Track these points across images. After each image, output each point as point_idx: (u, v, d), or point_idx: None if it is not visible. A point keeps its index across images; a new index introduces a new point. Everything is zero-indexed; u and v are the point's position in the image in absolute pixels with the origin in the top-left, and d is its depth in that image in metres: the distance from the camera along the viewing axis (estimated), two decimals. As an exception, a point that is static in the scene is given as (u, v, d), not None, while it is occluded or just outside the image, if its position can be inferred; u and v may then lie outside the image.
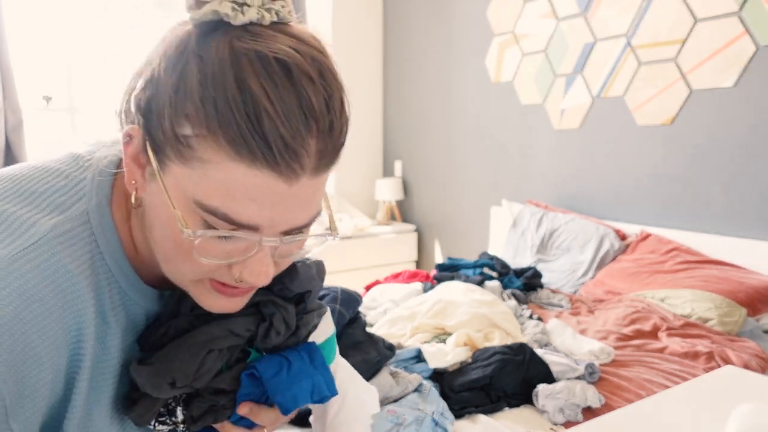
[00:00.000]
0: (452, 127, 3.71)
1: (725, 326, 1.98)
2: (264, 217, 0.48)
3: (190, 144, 0.46)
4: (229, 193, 0.46)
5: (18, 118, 2.96)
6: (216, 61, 0.45)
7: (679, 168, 2.53)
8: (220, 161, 0.45)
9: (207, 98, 0.45)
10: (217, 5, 0.46)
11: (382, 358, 1.50)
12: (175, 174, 0.48)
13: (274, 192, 0.47)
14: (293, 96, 0.46)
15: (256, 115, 0.44)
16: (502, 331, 1.89)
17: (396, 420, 1.30)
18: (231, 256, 0.50)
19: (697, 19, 2.39)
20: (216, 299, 0.55)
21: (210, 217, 0.48)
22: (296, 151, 0.46)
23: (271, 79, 0.45)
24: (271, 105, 0.44)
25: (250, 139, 0.44)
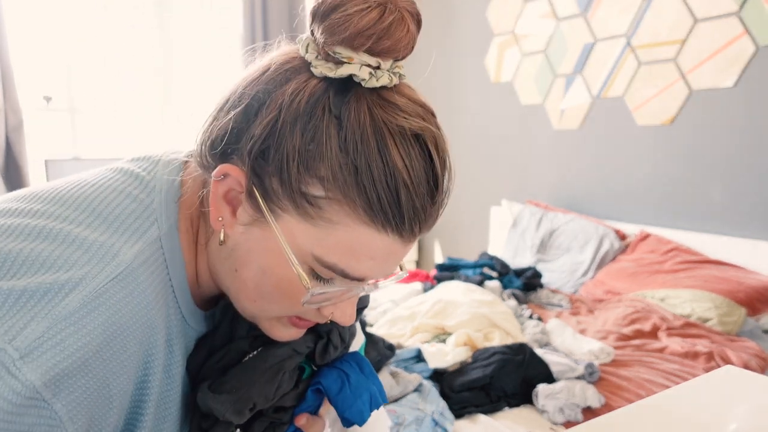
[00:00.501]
0: (452, 127, 3.71)
1: (725, 326, 1.98)
2: (374, 272, 0.51)
3: (318, 204, 0.47)
4: (352, 253, 0.48)
5: (18, 118, 2.97)
6: (357, 129, 0.46)
7: (678, 168, 2.54)
8: (350, 224, 0.47)
9: (347, 166, 0.46)
10: (357, 70, 0.47)
11: (382, 358, 1.50)
12: (291, 227, 0.49)
13: (393, 252, 0.50)
14: (425, 169, 0.49)
15: (396, 188, 0.47)
16: (502, 331, 1.89)
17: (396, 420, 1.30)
18: (326, 300, 0.53)
19: (696, 19, 2.39)
20: (287, 331, 0.57)
21: (324, 270, 0.50)
22: (420, 220, 0.49)
23: (409, 153, 0.48)
24: (409, 179, 0.47)
25: (387, 209, 0.47)
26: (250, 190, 0.49)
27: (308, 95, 0.48)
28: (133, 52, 3.50)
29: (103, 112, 3.44)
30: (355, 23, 0.46)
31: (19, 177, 2.98)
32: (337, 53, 0.48)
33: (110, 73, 3.43)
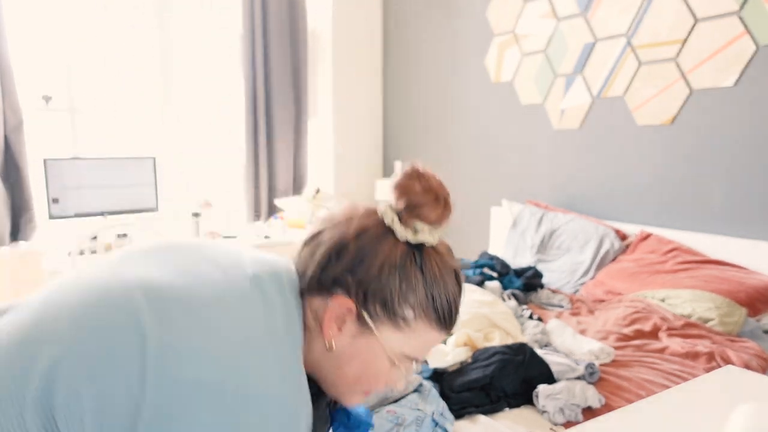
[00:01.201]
0: (452, 127, 3.71)
1: (725, 326, 1.97)
2: (428, 354, 0.78)
3: (408, 321, 0.72)
4: (425, 347, 0.75)
5: (18, 118, 2.96)
6: (433, 273, 0.73)
7: (679, 168, 2.53)
8: (426, 331, 0.73)
9: (429, 296, 0.72)
10: (428, 237, 0.75)
11: (382, 358, 1.49)
12: (387, 335, 0.72)
13: (439, 340, 0.76)
14: (460, 292, 0.77)
15: (451, 309, 0.75)
16: (502, 331, 1.89)
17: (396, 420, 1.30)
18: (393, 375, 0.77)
19: (697, 18, 2.39)
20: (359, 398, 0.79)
21: (407, 361, 0.75)
22: (455, 321, 0.77)
23: (456, 285, 0.75)
24: (455, 300, 0.75)
25: (448, 321, 0.75)
26: (359, 314, 0.72)
27: (400, 253, 0.72)
28: (133, 52, 3.50)
29: (103, 112, 3.44)
30: (422, 205, 0.78)
31: (18, 177, 2.98)
32: (416, 225, 0.75)
33: (110, 73, 3.43)
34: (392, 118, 4.24)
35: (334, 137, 4.13)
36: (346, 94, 4.14)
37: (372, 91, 4.28)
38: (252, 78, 3.76)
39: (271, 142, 3.90)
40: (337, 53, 4.05)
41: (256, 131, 3.83)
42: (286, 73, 3.87)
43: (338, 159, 4.17)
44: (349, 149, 4.22)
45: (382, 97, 4.31)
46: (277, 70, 3.82)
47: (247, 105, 3.76)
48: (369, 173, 4.32)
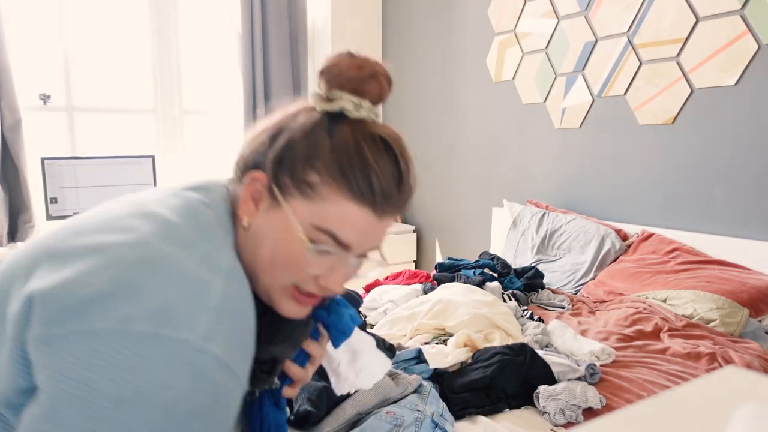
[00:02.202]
0: (453, 126, 3.70)
1: (727, 327, 1.96)
2: (357, 240, 0.69)
3: (314, 187, 0.67)
4: (339, 221, 0.67)
5: (16, 117, 2.96)
6: (342, 137, 0.68)
7: (680, 167, 2.52)
8: (337, 200, 0.67)
9: (336, 159, 0.67)
10: (344, 103, 0.70)
11: (381, 359, 1.48)
12: (296, 206, 0.68)
13: (369, 224, 0.68)
14: (392, 165, 0.69)
15: (369, 177, 0.67)
16: (502, 331, 1.88)
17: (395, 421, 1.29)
18: (323, 270, 0.70)
19: (698, 17, 2.38)
20: (292, 306, 0.73)
21: (321, 236, 0.68)
22: (388, 200, 0.68)
23: (378, 152, 0.68)
24: (379, 170, 0.67)
25: (364, 190, 0.67)
26: (269, 187, 0.69)
27: (312, 121, 0.70)
28: (132, 51, 3.49)
29: (101, 111, 3.43)
30: (345, 74, 0.71)
31: (16, 177, 2.97)
32: (333, 95, 0.71)
33: (108, 72, 3.42)
34: (392, 117, 4.23)
35: (334, 137, 4.12)
36: (346, 94, 4.13)
37: (372, 90, 4.26)
38: (251, 77, 3.75)
39: (271, 142, 3.89)
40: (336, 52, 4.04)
41: (255, 131, 3.81)
42: (286, 73, 3.86)
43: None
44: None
45: (383, 96, 4.29)
46: (277, 69, 3.81)
47: (246, 104, 3.75)
48: (369, 173, 4.31)
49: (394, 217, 0.72)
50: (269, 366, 0.77)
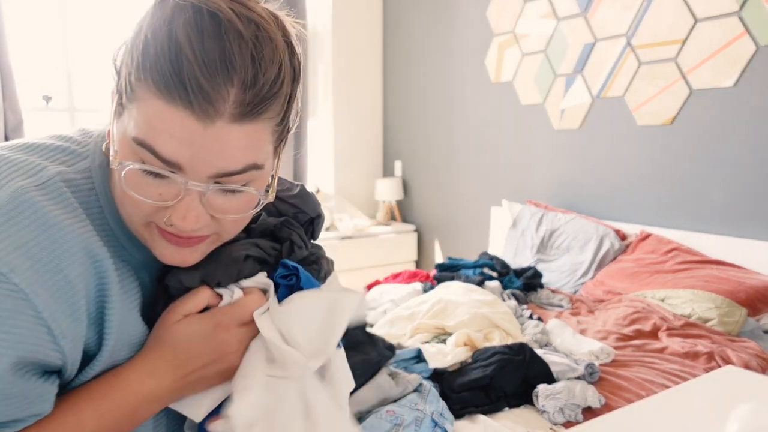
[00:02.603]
0: (452, 127, 3.70)
1: (725, 326, 1.98)
2: (183, 154, 0.52)
3: (132, 87, 0.52)
4: (151, 127, 0.51)
5: (18, 118, 2.96)
6: (161, 14, 0.51)
7: (679, 168, 2.53)
8: (146, 98, 0.51)
9: (147, 46, 0.51)
10: None
11: (381, 359, 1.49)
12: (124, 118, 0.54)
13: (191, 131, 0.51)
14: (217, 47, 0.50)
15: (177, 59, 0.49)
16: (502, 331, 1.89)
17: (395, 420, 1.30)
18: (163, 199, 0.54)
19: (697, 18, 2.39)
20: (166, 248, 0.58)
21: (142, 151, 0.52)
22: (210, 95, 0.50)
23: (198, 28, 0.50)
24: (191, 51, 0.49)
25: (169, 79, 0.49)
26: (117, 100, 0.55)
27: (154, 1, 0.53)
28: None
29: (103, 111, 3.44)
30: None
31: (18, 177, 2.98)
32: None
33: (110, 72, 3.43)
34: (392, 118, 4.24)
35: (334, 137, 4.13)
36: (346, 94, 4.14)
37: (372, 91, 4.27)
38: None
39: (271, 142, 3.90)
40: (337, 53, 4.05)
41: (256, 131, 3.82)
42: (286, 73, 3.86)
43: (338, 159, 4.17)
44: (349, 148, 4.22)
45: (382, 97, 4.31)
46: (277, 70, 3.81)
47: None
48: (369, 173, 4.32)
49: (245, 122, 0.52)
50: None
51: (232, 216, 0.58)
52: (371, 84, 4.26)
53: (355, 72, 4.15)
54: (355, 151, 4.24)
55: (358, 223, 3.78)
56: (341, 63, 4.08)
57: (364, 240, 3.76)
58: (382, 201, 4.10)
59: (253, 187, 0.57)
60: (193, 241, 0.59)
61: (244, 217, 0.60)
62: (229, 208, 0.57)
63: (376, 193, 4.09)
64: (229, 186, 0.55)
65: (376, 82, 4.28)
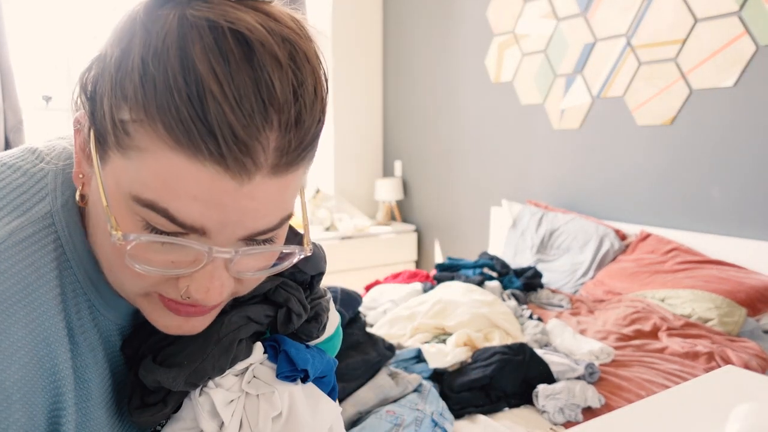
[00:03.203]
0: (452, 127, 3.70)
1: (725, 326, 1.98)
2: (212, 219, 0.40)
3: (127, 130, 0.39)
4: (167, 187, 0.39)
5: (18, 118, 2.96)
6: (162, 33, 0.38)
7: (679, 168, 2.53)
8: (156, 150, 0.38)
9: (147, 77, 0.38)
10: None
11: (381, 359, 1.49)
12: (114, 166, 0.41)
13: (222, 191, 0.39)
14: (250, 79, 0.38)
15: (199, 98, 0.37)
16: (502, 331, 1.89)
17: (395, 420, 1.30)
18: (176, 267, 0.43)
19: (697, 19, 2.39)
20: (169, 319, 0.47)
21: (149, 214, 0.40)
22: (248, 145, 0.38)
23: (223, 55, 0.37)
24: (219, 87, 0.37)
25: (191, 125, 0.37)
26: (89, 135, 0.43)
27: (127, 15, 0.41)
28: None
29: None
30: None
31: (18, 177, 2.98)
32: None
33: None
34: (392, 118, 4.24)
35: (334, 137, 4.13)
36: (346, 94, 4.14)
37: (372, 90, 4.27)
38: (252, 78, 3.75)
39: (271, 142, 3.90)
40: (337, 53, 4.05)
41: (255, 131, 3.82)
42: (286, 73, 3.86)
43: (338, 159, 4.18)
44: (349, 148, 4.22)
45: (382, 97, 4.31)
46: (277, 70, 3.81)
47: (247, 105, 3.76)
48: (369, 173, 4.32)
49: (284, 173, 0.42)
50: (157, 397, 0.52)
51: (257, 273, 0.47)
52: (371, 84, 4.26)
53: (355, 72, 4.16)
54: (355, 151, 4.24)
55: (358, 223, 3.78)
56: (341, 63, 4.08)
57: (364, 240, 3.76)
58: (382, 201, 4.10)
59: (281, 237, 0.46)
60: (207, 309, 0.47)
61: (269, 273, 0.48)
62: (255, 265, 0.46)
63: (376, 193, 4.09)
64: (258, 249, 0.44)
65: (376, 82, 4.28)
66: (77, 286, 0.47)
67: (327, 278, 3.34)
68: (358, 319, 1.61)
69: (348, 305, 1.57)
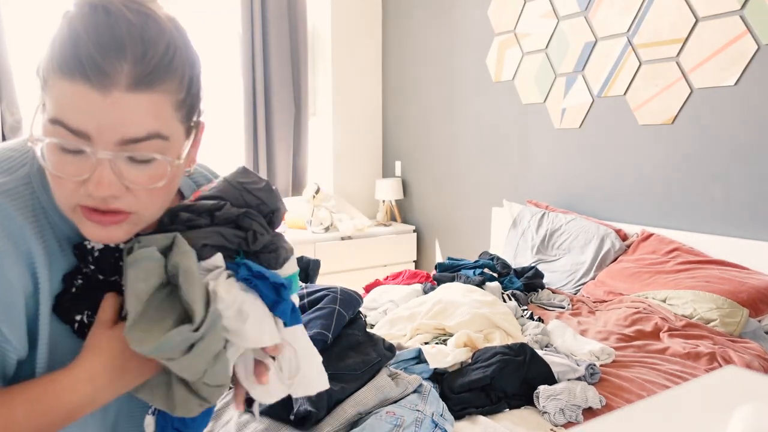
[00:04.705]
0: (452, 126, 3.70)
1: (727, 327, 1.97)
2: (90, 124, 0.58)
3: (46, 80, 0.59)
4: (60, 105, 0.58)
5: (16, 118, 2.96)
6: (65, 19, 0.60)
7: (680, 167, 2.52)
8: (55, 83, 0.58)
9: (53, 42, 0.59)
10: None
11: (381, 359, 1.49)
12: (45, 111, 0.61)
13: (91, 101, 0.58)
14: (108, 31, 0.58)
15: (75, 43, 0.57)
16: (502, 331, 1.88)
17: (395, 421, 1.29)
18: (80, 173, 0.60)
19: (698, 18, 2.38)
20: (92, 227, 0.64)
21: (55, 129, 0.59)
22: (104, 69, 0.57)
23: (91, 18, 0.58)
24: (87, 36, 0.57)
25: (69, 60, 0.57)
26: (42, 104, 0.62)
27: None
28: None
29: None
30: None
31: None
32: None
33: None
34: (392, 117, 4.23)
35: (334, 137, 4.13)
36: (346, 94, 4.14)
37: (372, 90, 4.27)
38: (251, 77, 3.75)
39: (271, 142, 3.90)
40: (336, 52, 4.05)
41: (255, 131, 3.82)
42: (286, 73, 3.86)
43: (338, 159, 4.17)
44: (349, 148, 4.21)
45: (382, 96, 4.30)
46: (277, 70, 3.81)
47: (247, 104, 3.76)
48: (369, 173, 4.32)
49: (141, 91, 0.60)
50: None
51: (144, 186, 0.63)
52: (371, 84, 4.25)
53: (354, 72, 4.15)
54: (354, 151, 4.24)
55: (358, 224, 3.78)
56: (341, 63, 4.07)
57: (364, 240, 3.75)
58: (381, 201, 4.09)
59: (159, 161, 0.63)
60: (115, 218, 0.63)
61: (157, 189, 0.64)
62: (140, 178, 0.62)
63: (376, 193, 4.08)
64: (136, 154, 0.61)
65: (375, 82, 4.27)
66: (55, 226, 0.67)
67: (327, 278, 3.34)
68: (358, 319, 1.60)
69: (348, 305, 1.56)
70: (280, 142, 3.90)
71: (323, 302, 1.51)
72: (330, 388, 1.31)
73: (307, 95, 4.03)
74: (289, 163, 3.97)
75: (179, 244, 0.66)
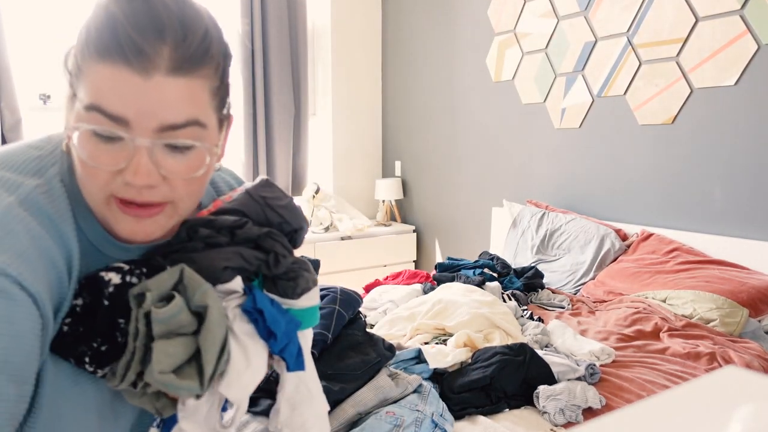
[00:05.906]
0: (452, 126, 3.70)
1: (727, 327, 1.97)
2: (129, 108, 0.57)
3: (80, 67, 0.58)
4: (98, 90, 0.57)
5: (16, 117, 2.96)
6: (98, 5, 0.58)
7: (680, 167, 2.52)
8: (92, 68, 0.57)
9: (88, 28, 0.57)
10: None
11: (381, 359, 1.48)
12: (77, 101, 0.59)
13: (132, 84, 0.56)
14: (146, 13, 0.56)
15: (113, 26, 0.56)
16: (502, 331, 1.88)
17: (395, 421, 1.29)
18: (116, 162, 0.59)
19: (698, 17, 2.38)
20: (126, 222, 0.62)
21: (92, 116, 0.57)
22: (145, 51, 0.56)
23: (128, 1, 0.57)
24: (124, 17, 0.56)
25: (108, 43, 0.55)
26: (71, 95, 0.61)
27: None
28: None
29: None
30: None
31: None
32: None
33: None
34: (392, 117, 4.23)
35: (334, 137, 4.12)
36: (346, 94, 4.13)
37: (372, 90, 4.27)
38: (251, 77, 3.75)
39: (271, 142, 3.89)
40: (336, 52, 4.05)
41: (255, 131, 3.82)
42: (286, 73, 3.86)
43: (338, 159, 4.17)
44: (349, 148, 4.21)
45: (382, 96, 4.30)
46: (277, 70, 3.81)
47: (246, 104, 3.76)
48: (369, 173, 4.32)
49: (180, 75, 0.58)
50: None
51: (182, 176, 0.62)
52: (371, 84, 4.25)
53: (354, 72, 4.15)
54: (354, 151, 4.23)
55: (358, 223, 3.78)
56: (341, 63, 4.07)
57: (363, 240, 3.75)
58: (381, 201, 4.09)
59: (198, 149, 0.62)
60: (150, 210, 0.62)
61: (194, 179, 0.63)
62: (178, 166, 0.61)
63: (375, 193, 4.08)
64: (176, 141, 0.60)
65: (375, 82, 4.27)
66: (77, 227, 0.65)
67: (327, 278, 3.34)
68: (358, 319, 1.60)
69: (348, 305, 1.56)
70: (280, 142, 3.90)
71: (323, 302, 1.51)
72: (330, 388, 1.31)
73: (307, 95, 4.03)
74: (288, 163, 3.97)
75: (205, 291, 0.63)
